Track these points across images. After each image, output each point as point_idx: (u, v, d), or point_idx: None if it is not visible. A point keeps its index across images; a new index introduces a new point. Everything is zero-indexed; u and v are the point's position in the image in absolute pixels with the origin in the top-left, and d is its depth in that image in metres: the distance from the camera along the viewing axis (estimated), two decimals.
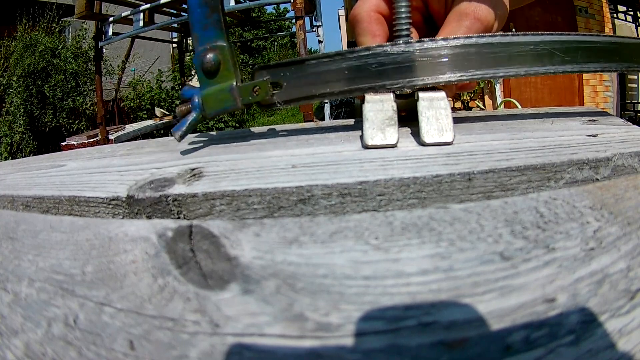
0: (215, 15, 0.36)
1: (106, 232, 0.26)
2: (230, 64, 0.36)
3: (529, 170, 0.29)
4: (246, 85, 0.37)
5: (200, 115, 0.37)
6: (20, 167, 0.44)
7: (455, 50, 0.36)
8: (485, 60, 0.36)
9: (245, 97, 0.37)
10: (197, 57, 0.36)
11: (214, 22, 0.36)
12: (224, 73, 0.37)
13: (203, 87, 0.37)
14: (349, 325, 0.18)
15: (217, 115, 0.38)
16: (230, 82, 0.37)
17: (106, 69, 5.78)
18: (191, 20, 0.36)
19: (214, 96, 0.37)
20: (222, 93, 0.37)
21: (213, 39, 0.36)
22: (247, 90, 0.37)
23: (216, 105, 0.37)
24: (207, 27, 0.36)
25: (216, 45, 0.36)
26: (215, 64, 0.36)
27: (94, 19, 3.92)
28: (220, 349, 0.18)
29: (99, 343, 0.20)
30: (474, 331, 0.18)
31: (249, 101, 0.37)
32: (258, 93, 0.37)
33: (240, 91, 0.37)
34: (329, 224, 0.24)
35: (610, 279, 0.20)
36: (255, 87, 0.37)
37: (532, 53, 0.36)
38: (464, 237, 0.23)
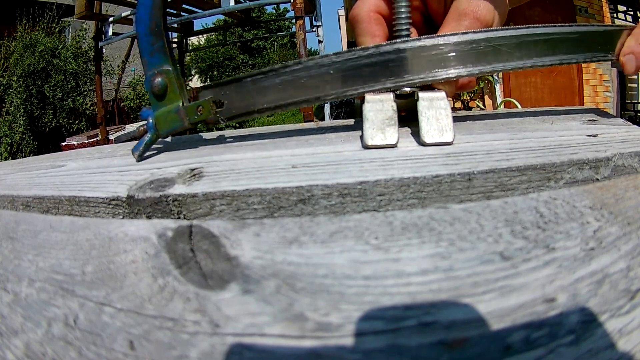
0: (159, 43, 0.38)
1: (106, 232, 0.26)
2: (176, 86, 0.39)
3: (529, 170, 0.29)
4: (191, 105, 0.39)
5: (155, 135, 0.39)
6: (20, 167, 0.44)
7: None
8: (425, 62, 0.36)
9: (191, 117, 0.39)
10: (146, 81, 0.39)
11: (158, 49, 0.38)
12: (171, 95, 0.39)
13: (154, 109, 0.39)
14: (349, 325, 0.18)
15: (168, 135, 0.40)
16: (177, 103, 0.39)
17: (106, 69, 5.78)
18: (140, 48, 0.39)
19: (164, 117, 0.39)
20: (170, 114, 0.39)
21: (159, 64, 0.39)
22: (192, 110, 0.39)
23: (167, 125, 0.39)
24: (153, 54, 0.38)
25: (162, 69, 0.38)
26: (162, 87, 0.38)
27: (94, 19, 3.92)
28: (220, 349, 0.18)
29: (99, 343, 0.20)
30: (474, 331, 0.18)
31: (195, 120, 0.39)
32: (202, 112, 0.39)
33: (186, 111, 0.39)
34: (329, 224, 0.24)
35: (610, 278, 0.20)
36: (199, 106, 0.39)
37: (477, 51, 0.36)
38: (464, 237, 0.23)
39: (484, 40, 0.36)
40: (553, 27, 0.37)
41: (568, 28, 0.37)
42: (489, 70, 0.37)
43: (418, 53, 0.36)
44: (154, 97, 0.39)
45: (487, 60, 0.36)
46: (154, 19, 0.37)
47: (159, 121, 0.39)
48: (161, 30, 0.38)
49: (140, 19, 0.37)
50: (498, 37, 0.36)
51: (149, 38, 0.38)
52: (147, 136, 0.39)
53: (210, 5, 3.88)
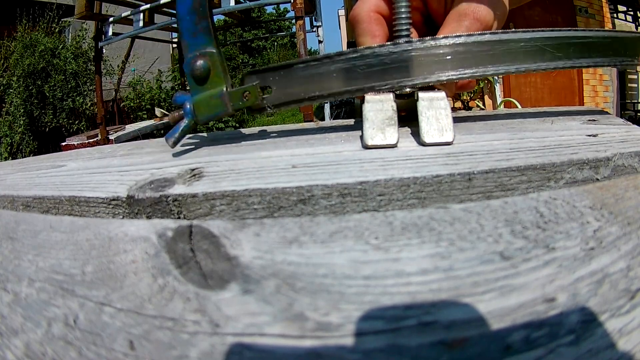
0: (204, 22, 0.36)
1: (106, 232, 0.26)
2: (220, 70, 0.37)
3: (529, 170, 0.29)
4: (236, 91, 0.37)
5: (193, 121, 0.38)
6: (20, 167, 0.44)
7: (453, 48, 0.36)
8: (474, 58, 0.36)
9: (235, 102, 0.37)
10: (187, 64, 0.37)
11: (203, 29, 0.36)
12: (214, 79, 0.37)
13: (194, 94, 0.38)
14: (349, 325, 0.18)
15: (209, 121, 0.38)
16: (220, 87, 0.37)
17: (106, 69, 5.78)
18: (180, 28, 0.36)
19: (205, 102, 0.37)
20: (212, 99, 0.37)
21: (202, 45, 0.36)
22: (237, 96, 0.37)
23: (207, 111, 0.37)
24: (196, 35, 0.36)
25: (206, 52, 0.36)
26: (205, 70, 0.36)
27: (94, 19, 3.92)
28: (220, 349, 0.18)
29: (99, 343, 0.20)
30: (474, 331, 0.18)
31: (240, 106, 0.37)
32: (248, 98, 0.37)
33: (230, 96, 0.37)
34: (329, 223, 0.24)
35: (610, 278, 0.20)
36: (245, 92, 0.37)
37: (523, 50, 0.36)
38: (464, 236, 0.23)
39: (530, 40, 0.36)
40: (590, 32, 0.38)
41: (603, 33, 0.38)
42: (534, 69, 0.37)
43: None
44: (195, 80, 0.37)
45: (534, 59, 0.37)
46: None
47: (198, 106, 0.37)
48: (206, 9, 0.36)
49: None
50: (544, 37, 0.36)
51: (192, 17, 0.36)
52: (183, 122, 0.37)
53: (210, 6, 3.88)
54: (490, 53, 0.36)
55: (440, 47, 0.35)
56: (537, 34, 0.36)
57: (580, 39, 0.37)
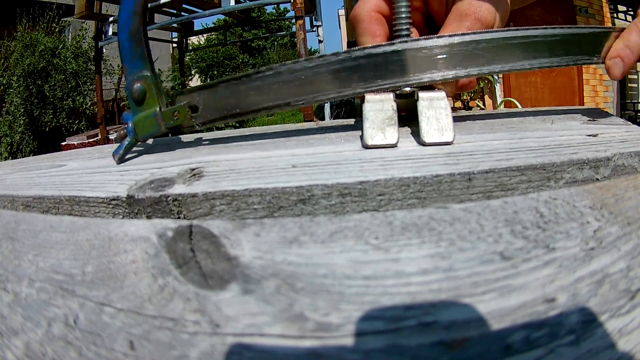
0: (139, 49, 0.39)
1: (106, 232, 0.26)
2: (154, 91, 0.39)
3: (529, 170, 0.29)
4: (167, 111, 0.40)
5: (134, 139, 0.40)
6: (20, 167, 0.44)
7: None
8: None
9: (167, 122, 0.40)
10: (127, 86, 0.40)
11: (139, 54, 0.39)
12: (149, 100, 0.39)
13: (134, 114, 0.40)
14: (349, 325, 0.18)
15: (147, 139, 0.41)
16: (154, 108, 0.40)
17: (106, 68, 5.78)
18: (121, 54, 0.39)
19: (142, 122, 0.40)
20: (148, 119, 0.40)
21: (139, 69, 0.39)
22: (168, 115, 0.40)
23: (145, 130, 0.40)
24: (133, 59, 0.39)
25: (141, 75, 0.39)
26: (141, 92, 0.39)
27: (94, 18, 3.92)
28: (220, 349, 0.18)
29: (99, 343, 0.20)
30: (474, 331, 0.18)
31: (171, 125, 0.40)
32: (178, 117, 0.40)
33: (163, 116, 0.40)
34: (329, 223, 0.24)
35: (610, 278, 0.20)
36: (175, 111, 0.40)
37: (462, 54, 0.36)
38: (464, 237, 0.23)
39: (472, 43, 0.36)
40: (534, 30, 0.37)
41: (550, 30, 0.37)
42: (463, 75, 0.37)
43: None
44: (134, 102, 0.40)
45: (466, 64, 0.36)
46: (135, 25, 0.38)
47: (137, 125, 0.40)
48: (141, 36, 0.38)
49: (122, 25, 0.38)
50: (474, 40, 0.36)
51: (130, 44, 0.38)
52: (126, 140, 0.40)
53: (210, 5, 3.88)
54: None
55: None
56: (467, 37, 0.36)
57: (521, 39, 0.37)
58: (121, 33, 0.38)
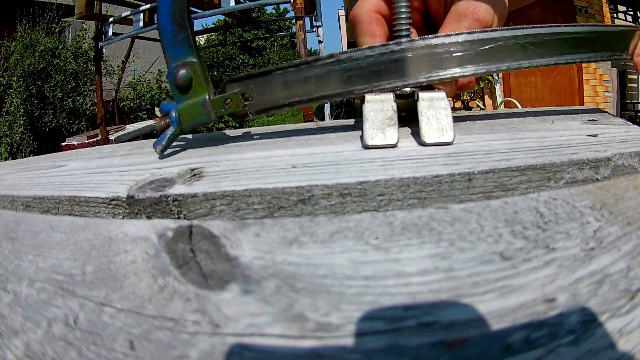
0: (183, 33, 0.37)
1: (106, 232, 0.26)
2: (201, 78, 0.38)
3: (529, 170, 0.29)
4: (218, 98, 0.38)
5: (178, 129, 0.39)
6: (20, 167, 0.44)
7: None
8: (454, 59, 0.36)
9: (218, 110, 0.38)
10: (170, 74, 0.38)
11: (182, 40, 0.38)
12: (196, 88, 0.38)
13: (178, 102, 0.39)
14: (349, 326, 0.18)
15: (193, 128, 0.39)
16: (203, 96, 0.38)
17: (106, 69, 5.78)
18: (162, 40, 0.38)
19: (188, 110, 0.38)
20: (195, 107, 0.38)
21: (183, 55, 0.38)
22: (219, 103, 0.38)
23: (191, 119, 0.39)
24: (176, 45, 0.38)
25: (187, 61, 0.38)
26: (187, 79, 0.38)
27: (94, 19, 3.92)
28: (220, 349, 0.18)
29: (99, 343, 0.20)
30: (474, 331, 0.18)
31: (222, 113, 0.38)
32: (230, 105, 0.38)
33: (213, 104, 0.38)
34: (329, 224, 0.24)
35: (610, 279, 0.20)
36: (227, 99, 0.38)
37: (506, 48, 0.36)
38: (464, 237, 0.23)
39: (504, 39, 0.36)
40: (574, 27, 0.37)
41: (587, 28, 0.38)
42: (505, 69, 0.37)
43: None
44: (178, 89, 0.38)
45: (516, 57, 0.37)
46: (177, 9, 0.36)
47: (183, 114, 0.38)
48: (185, 20, 0.37)
49: (161, 9, 0.37)
50: (523, 34, 0.36)
51: (172, 28, 0.37)
52: (170, 130, 0.38)
53: (210, 6, 3.88)
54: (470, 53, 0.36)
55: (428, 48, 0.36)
56: (518, 31, 0.36)
57: (564, 35, 0.37)
58: (161, 17, 0.37)
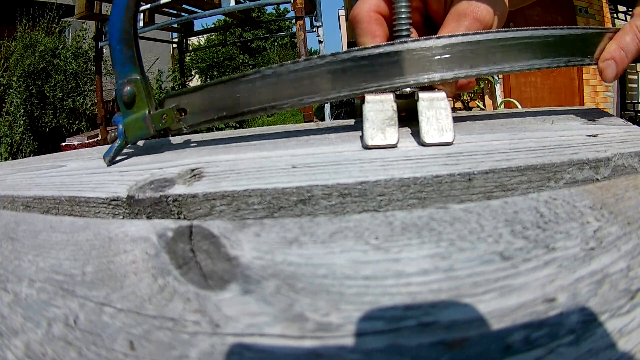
0: (130, 52, 0.39)
1: (106, 233, 0.26)
2: (143, 94, 0.40)
3: (529, 170, 0.29)
4: (156, 114, 0.40)
5: (124, 142, 0.40)
6: (20, 167, 0.44)
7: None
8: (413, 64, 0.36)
9: (156, 124, 0.40)
10: (117, 90, 0.40)
11: (129, 58, 0.39)
12: (139, 103, 0.40)
13: (124, 116, 0.41)
14: (349, 325, 0.18)
15: (136, 141, 0.41)
16: (144, 111, 0.40)
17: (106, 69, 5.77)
18: (112, 59, 0.40)
19: (132, 124, 0.40)
20: (138, 122, 0.40)
21: (129, 73, 0.40)
22: (157, 118, 0.40)
23: (134, 132, 0.40)
24: (125, 63, 0.40)
25: (131, 78, 0.40)
26: (131, 96, 0.40)
27: (94, 19, 3.92)
28: (220, 349, 0.18)
29: (99, 343, 0.20)
30: (474, 331, 0.18)
31: (159, 127, 0.40)
32: (166, 120, 0.40)
33: (152, 119, 0.40)
34: (329, 224, 0.24)
35: (610, 278, 0.20)
36: (163, 114, 0.40)
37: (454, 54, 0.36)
38: (464, 237, 0.23)
39: (462, 44, 0.36)
40: (526, 31, 0.36)
41: (543, 32, 0.36)
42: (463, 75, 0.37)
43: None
44: (124, 105, 0.40)
45: (464, 64, 0.36)
46: (125, 27, 0.38)
47: (127, 128, 0.40)
48: (132, 39, 0.39)
49: (112, 31, 0.39)
50: (466, 42, 0.36)
51: (120, 47, 0.39)
52: (117, 142, 0.40)
53: (210, 6, 3.88)
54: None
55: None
56: (460, 38, 0.36)
57: (515, 40, 0.36)
58: (112, 37, 0.39)
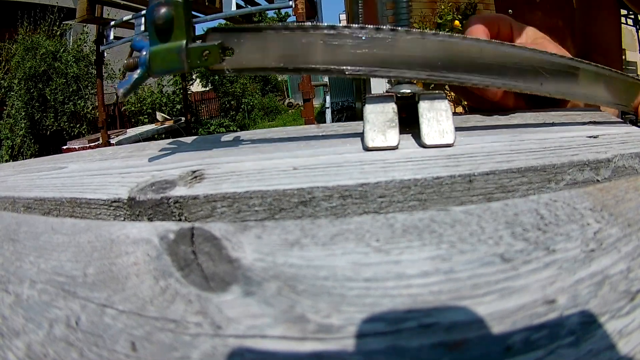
0: None
1: (108, 234, 0.26)
2: (183, 22, 0.33)
3: (530, 171, 0.29)
4: (196, 47, 0.34)
5: (146, 73, 0.35)
6: (21, 169, 0.44)
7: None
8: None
9: (193, 60, 0.34)
10: (149, 10, 0.33)
11: None
12: (175, 32, 0.34)
13: (152, 44, 0.34)
14: (350, 327, 0.18)
15: (162, 75, 0.35)
16: (180, 42, 0.34)
17: (107, 72, 5.80)
18: None
19: (161, 55, 0.34)
20: (170, 53, 0.34)
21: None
22: (196, 53, 0.34)
23: (162, 65, 0.34)
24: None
25: (171, 0, 0.33)
26: (167, 20, 0.33)
27: (96, 22, 3.93)
28: (221, 351, 0.18)
29: (101, 344, 0.20)
30: (474, 333, 0.18)
31: (197, 65, 0.34)
32: (207, 57, 0.34)
33: (189, 53, 0.34)
34: (330, 226, 0.24)
35: (610, 280, 0.20)
36: (205, 51, 0.34)
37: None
38: (464, 239, 0.23)
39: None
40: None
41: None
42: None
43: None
44: (155, 30, 0.34)
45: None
46: None
47: (155, 58, 0.34)
48: None
49: None
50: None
51: None
52: (136, 72, 0.35)
53: (212, 10, 3.89)
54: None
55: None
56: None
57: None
58: None
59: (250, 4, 4.09)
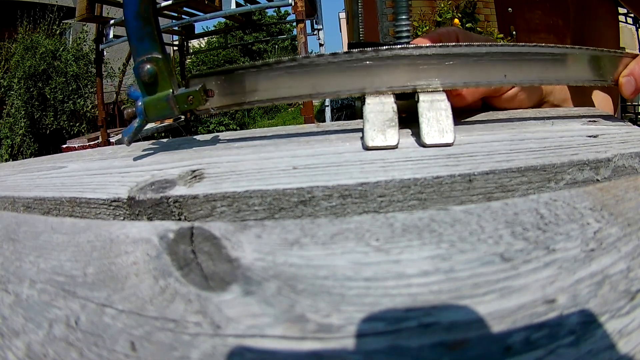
0: (148, 28, 0.37)
1: (107, 234, 0.26)
2: (166, 74, 0.38)
3: (530, 171, 0.29)
4: (181, 94, 0.38)
5: (144, 121, 0.39)
6: (21, 168, 0.44)
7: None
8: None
9: (181, 105, 0.39)
10: (135, 68, 0.38)
11: (148, 34, 0.37)
12: (161, 83, 0.38)
13: (144, 95, 0.39)
14: (350, 327, 0.18)
15: (158, 120, 0.40)
16: (167, 92, 0.38)
17: (107, 71, 5.79)
18: (128, 33, 0.38)
19: (153, 104, 0.39)
20: (160, 102, 0.39)
21: (148, 50, 0.38)
22: (182, 99, 0.38)
23: (156, 112, 0.39)
24: (142, 39, 0.37)
25: (152, 57, 0.38)
26: (151, 75, 0.38)
27: (95, 21, 3.93)
28: (221, 350, 0.18)
29: (101, 344, 0.20)
30: (474, 332, 0.18)
31: (185, 108, 0.39)
32: (192, 101, 0.39)
33: (176, 100, 0.39)
34: (329, 225, 0.24)
35: (610, 280, 0.20)
36: (190, 95, 0.38)
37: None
38: (464, 238, 0.23)
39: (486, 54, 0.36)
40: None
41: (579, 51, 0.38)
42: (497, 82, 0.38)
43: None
44: (143, 84, 0.38)
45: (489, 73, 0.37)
46: (143, 3, 0.36)
47: (148, 107, 0.39)
48: (150, 14, 0.37)
49: (128, 3, 0.36)
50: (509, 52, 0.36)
51: (137, 22, 0.37)
52: (136, 121, 0.39)
53: (211, 8, 3.89)
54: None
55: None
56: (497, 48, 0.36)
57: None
58: (127, 11, 0.37)
59: (249, 2, 4.09)
